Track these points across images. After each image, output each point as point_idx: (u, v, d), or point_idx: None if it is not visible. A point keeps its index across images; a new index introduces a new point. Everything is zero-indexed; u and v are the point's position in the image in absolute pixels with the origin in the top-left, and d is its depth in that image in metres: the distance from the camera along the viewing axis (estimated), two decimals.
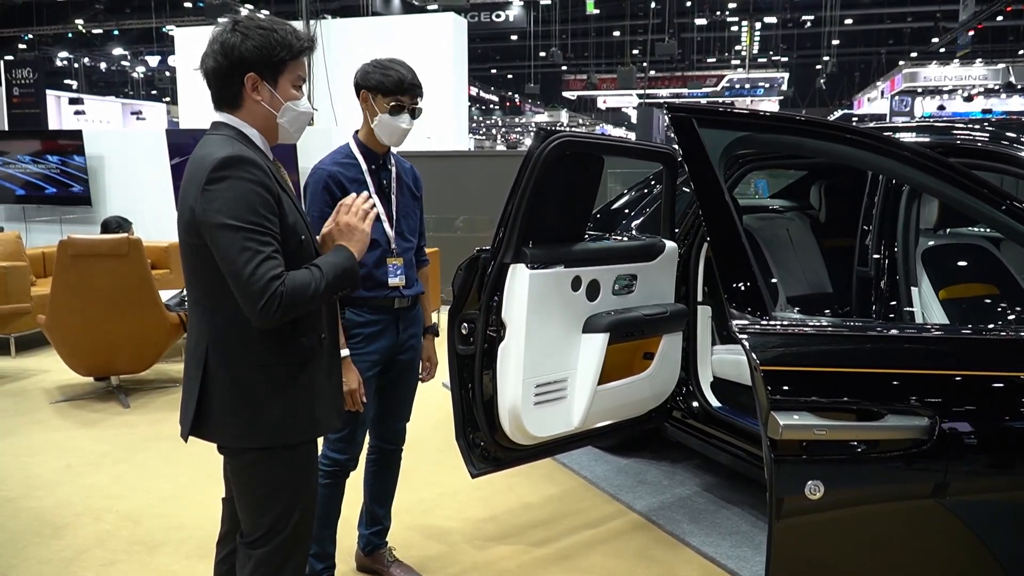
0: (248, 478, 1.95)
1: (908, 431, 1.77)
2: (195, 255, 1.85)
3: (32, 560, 3.08)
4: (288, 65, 1.90)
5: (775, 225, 4.40)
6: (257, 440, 1.90)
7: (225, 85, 1.89)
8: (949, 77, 28.25)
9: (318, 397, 1.97)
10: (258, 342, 1.86)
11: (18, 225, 9.46)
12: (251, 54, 1.85)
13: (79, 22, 24.59)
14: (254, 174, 1.79)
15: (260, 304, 1.74)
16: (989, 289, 3.12)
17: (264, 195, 1.79)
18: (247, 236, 1.75)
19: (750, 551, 3.15)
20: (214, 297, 1.85)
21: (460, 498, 3.66)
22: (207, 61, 1.89)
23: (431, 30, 9.34)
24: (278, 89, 1.90)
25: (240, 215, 1.75)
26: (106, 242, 4.89)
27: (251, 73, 1.87)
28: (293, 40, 1.90)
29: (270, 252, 1.77)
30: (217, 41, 1.87)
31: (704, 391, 3.54)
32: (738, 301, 1.97)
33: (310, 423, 1.96)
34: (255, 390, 1.88)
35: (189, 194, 1.82)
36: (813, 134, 2.17)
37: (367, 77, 2.58)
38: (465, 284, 2.83)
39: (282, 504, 1.95)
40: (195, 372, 1.90)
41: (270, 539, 1.95)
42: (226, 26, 1.88)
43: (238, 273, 1.75)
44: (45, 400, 5.15)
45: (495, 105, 42.42)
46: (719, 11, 27.93)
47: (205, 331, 1.89)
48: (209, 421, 1.91)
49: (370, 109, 2.59)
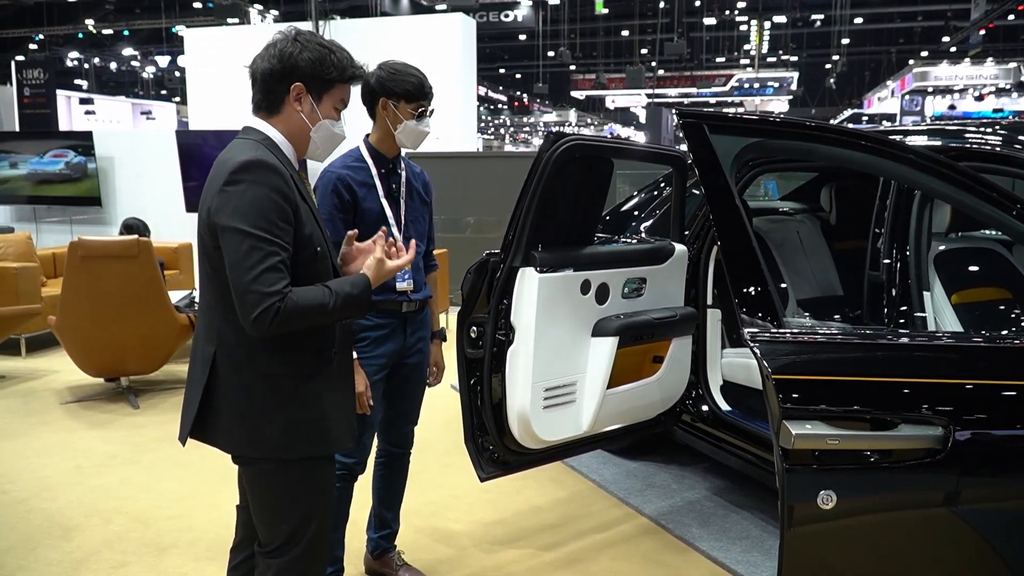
0: (263, 489, 1.94)
1: (922, 440, 1.76)
2: (209, 257, 1.86)
3: (42, 562, 3.09)
4: (336, 86, 1.94)
5: (786, 228, 4.38)
6: (259, 450, 1.89)
7: (271, 88, 1.91)
8: (960, 76, 28.08)
9: (328, 412, 1.94)
10: (266, 350, 1.85)
11: (29, 226, 9.50)
12: (305, 64, 1.88)
13: (89, 22, 24.69)
14: (272, 180, 1.79)
15: (253, 314, 1.73)
16: (1002, 293, 3.09)
17: (280, 203, 1.79)
18: (255, 242, 1.74)
19: (760, 556, 3.13)
20: (226, 301, 1.84)
21: (468, 501, 3.66)
22: (260, 63, 1.91)
23: (440, 31, 9.33)
24: (320, 105, 1.93)
25: (251, 220, 1.75)
26: (116, 244, 4.91)
27: (299, 83, 1.89)
28: (348, 64, 1.94)
29: (275, 263, 1.76)
30: (276, 46, 1.90)
31: (714, 395, 3.53)
32: (749, 306, 1.95)
33: (318, 438, 1.93)
34: (259, 399, 1.87)
35: (207, 195, 1.83)
36: (825, 140, 2.15)
37: (386, 85, 2.58)
38: (474, 288, 2.82)
39: (299, 515, 1.94)
40: (200, 375, 1.90)
41: (288, 549, 1.94)
42: (288, 35, 1.92)
43: (239, 279, 1.75)
44: (55, 401, 5.17)
45: (504, 105, 42.39)
46: (728, 10, 27.82)
47: (215, 335, 1.89)
48: (210, 425, 1.90)
49: (391, 116, 2.59)
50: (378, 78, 2.59)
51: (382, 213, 2.62)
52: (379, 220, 2.59)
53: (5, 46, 26.40)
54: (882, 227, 3.08)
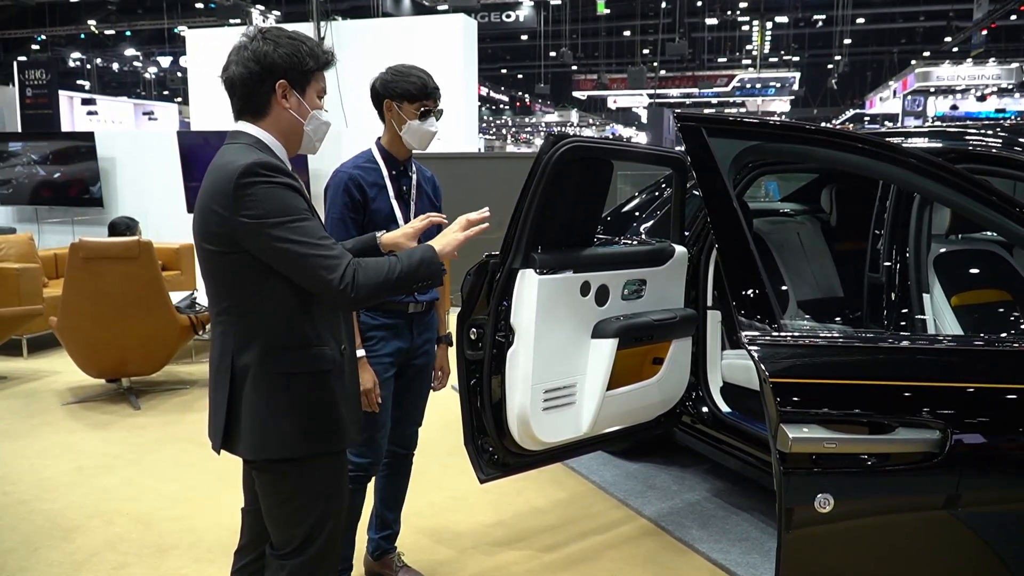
0: (278, 492, 1.94)
1: (919, 444, 1.76)
2: (214, 264, 1.85)
3: (43, 563, 3.10)
4: (315, 75, 1.94)
5: (786, 229, 4.38)
6: (279, 451, 1.88)
7: (254, 92, 1.88)
8: (962, 76, 28.04)
9: (340, 409, 1.96)
10: (282, 350, 1.85)
11: (30, 226, 9.51)
12: (283, 61, 1.86)
13: (92, 23, 24.70)
14: (283, 178, 1.80)
15: (337, 279, 1.75)
16: (1002, 295, 3.09)
17: (295, 194, 1.81)
18: (297, 227, 1.76)
19: (759, 558, 3.13)
20: (240, 303, 1.84)
21: (469, 502, 3.66)
22: (236, 68, 1.87)
23: (441, 31, 9.34)
24: (306, 97, 1.93)
25: (284, 211, 1.77)
26: (117, 245, 4.92)
27: (283, 80, 1.88)
28: (319, 52, 1.94)
29: (323, 235, 1.79)
30: (247, 48, 1.87)
31: (714, 396, 3.53)
32: (747, 309, 1.95)
33: (333, 434, 1.95)
34: (276, 398, 1.87)
35: (209, 203, 1.80)
36: (824, 143, 2.15)
37: (389, 86, 2.60)
38: (474, 289, 2.82)
39: (316, 515, 1.94)
40: (223, 384, 1.88)
41: (304, 550, 1.94)
42: (253, 34, 1.89)
43: (303, 259, 1.76)
44: (56, 402, 5.18)
45: (505, 105, 42.40)
46: (730, 10, 27.80)
47: (230, 341, 1.88)
48: (237, 433, 1.90)
49: (396, 117, 2.62)
50: (382, 80, 2.62)
51: (392, 214, 2.64)
52: (388, 221, 2.62)
53: (7, 46, 26.46)
54: (882, 229, 3.08)
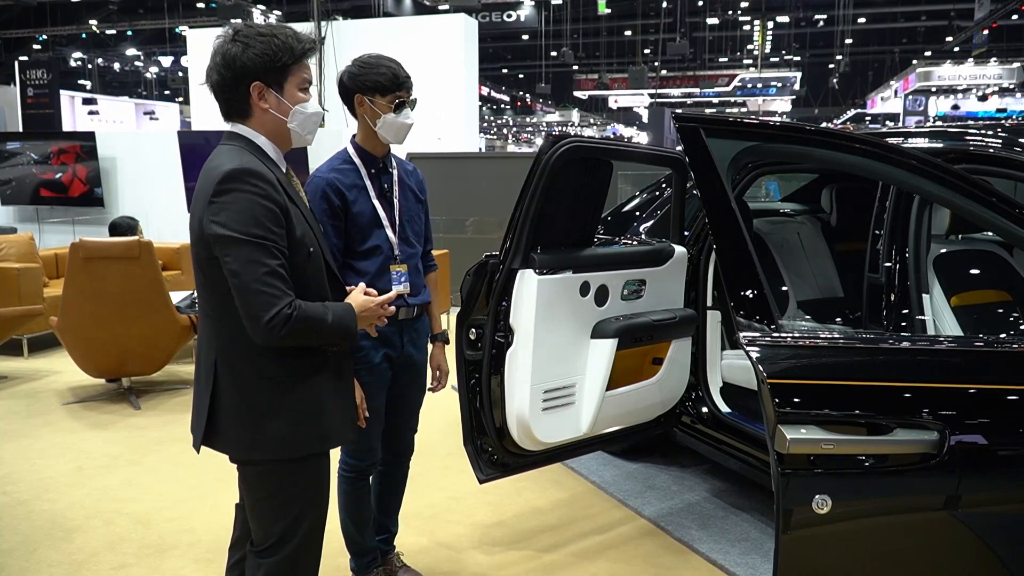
0: (258, 488, 1.96)
1: (918, 445, 1.76)
2: (203, 267, 1.86)
3: (43, 563, 3.10)
4: (292, 69, 1.89)
5: (786, 229, 4.38)
6: (262, 452, 1.90)
7: (232, 97, 1.88)
8: (963, 76, 28.02)
9: (326, 410, 1.96)
10: (264, 355, 1.86)
11: (31, 226, 9.52)
12: (254, 62, 1.84)
13: (93, 23, 24.71)
14: (259, 187, 1.78)
15: (265, 318, 1.74)
16: (1002, 296, 3.08)
17: (270, 207, 1.78)
18: (252, 250, 1.75)
19: (759, 558, 3.13)
20: (221, 309, 1.85)
21: (468, 503, 3.66)
22: (211, 75, 1.88)
23: (442, 31, 9.35)
24: (284, 94, 1.89)
25: (245, 228, 1.75)
26: (118, 245, 4.92)
27: (256, 82, 1.86)
28: (294, 43, 1.88)
29: (275, 266, 1.76)
30: (219, 54, 1.86)
31: (713, 396, 3.53)
32: (745, 310, 1.95)
33: (318, 436, 1.96)
34: (261, 402, 1.88)
35: (198, 207, 1.83)
36: (822, 144, 2.15)
37: (358, 80, 2.48)
38: (473, 289, 2.82)
39: (293, 514, 1.95)
40: (206, 383, 1.91)
41: (280, 548, 1.96)
42: (226, 37, 1.87)
43: (244, 286, 1.74)
44: (57, 401, 5.18)
45: (506, 105, 42.39)
46: (731, 10, 27.79)
47: (213, 342, 1.90)
48: (218, 432, 1.91)
49: (369, 112, 2.50)
50: (349, 74, 2.50)
51: (375, 215, 2.53)
52: (373, 222, 2.52)
53: (8, 46, 26.44)
54: (882, 229, 3.07)
